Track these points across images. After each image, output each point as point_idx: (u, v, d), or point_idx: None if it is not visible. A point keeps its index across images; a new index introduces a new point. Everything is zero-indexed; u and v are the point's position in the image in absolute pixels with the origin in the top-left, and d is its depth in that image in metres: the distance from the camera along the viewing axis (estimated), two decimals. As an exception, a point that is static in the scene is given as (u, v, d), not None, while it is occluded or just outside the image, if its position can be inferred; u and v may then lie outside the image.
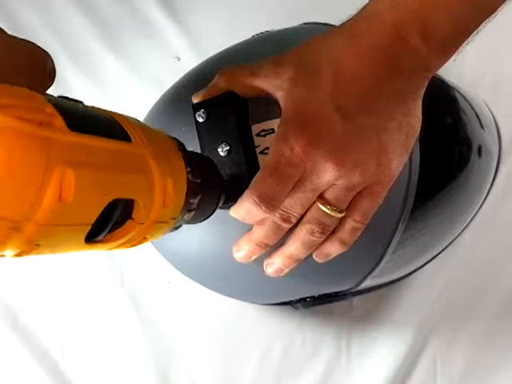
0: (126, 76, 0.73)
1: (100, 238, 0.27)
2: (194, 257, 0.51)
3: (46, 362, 0.60)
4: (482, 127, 0.57)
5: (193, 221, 0.37)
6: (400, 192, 0.44)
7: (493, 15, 0.39)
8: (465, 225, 0.60)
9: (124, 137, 0.28)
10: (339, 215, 0.40)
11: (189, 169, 0.33)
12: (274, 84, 0.40)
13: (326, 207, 0.40)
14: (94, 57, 0.74)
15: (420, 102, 0.41)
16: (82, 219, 0.25)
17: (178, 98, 0.50)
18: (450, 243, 0.60)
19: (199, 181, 0.35)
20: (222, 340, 0.62)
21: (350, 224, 0.41)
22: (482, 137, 0.57)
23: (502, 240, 0.66)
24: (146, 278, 0.64)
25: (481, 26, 0.39)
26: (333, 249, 0.43)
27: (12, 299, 0.62)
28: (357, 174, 0.38)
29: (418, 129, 0.41)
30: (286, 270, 0.44)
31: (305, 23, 0.55)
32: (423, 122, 0.41)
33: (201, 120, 0.42)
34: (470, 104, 0.57)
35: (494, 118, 0.60)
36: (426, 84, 0.40)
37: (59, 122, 0.23)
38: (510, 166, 0.67)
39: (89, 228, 0.26)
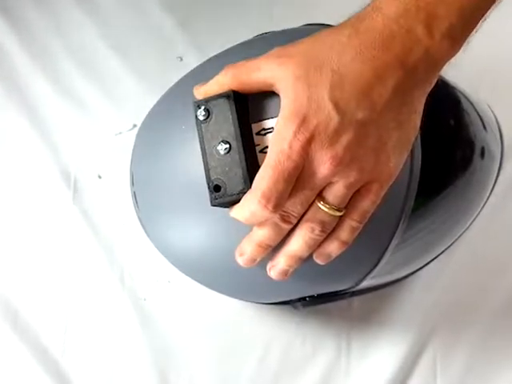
0: (127, 75, 0.73)
1: None
2: (194, 256, 0.50)
3: (46, 361, 0.60)
4: (485, 128, 0.57)
5: None
6: (401, 191, 0.44)
7: (498, 0, 0.39)
8: (467, 225, 0.60)
9: None
10: (338, 214, 0.40)
11: None
12: (276, 77, 0.39)
13: (325, 206, 0.39)
14: (95, 56, 0.74)
15: (424, 100, 0.40)
16: None
17: (178, 98, 0.50)
18: (452, 244, 0.60)
19: None
20: (222, 340, 0.62)
21: (348, 223, 0.41)
22: (484, 138, 0.57)
23: (503, 240, 0.67)
24: (146, 277, 0.64)
25: (488, 12, 0.39)
26: (332, 248, 0.42)
27: (12, 298, 0.62)
28: (354, 171, 0.38)
29: (419, 126, 0.41)
30: (291, 270, 0.43)
31: (307, 24, 0.55)
32: (426, 122, 0.41)
33: (201, 118, 0.42)
34: (472, 104, 0.56)
35: (495, 118, 0.60)
36: (434, 81, 0.40)
37: None
38: (512, 167, 0.67)
39: None
